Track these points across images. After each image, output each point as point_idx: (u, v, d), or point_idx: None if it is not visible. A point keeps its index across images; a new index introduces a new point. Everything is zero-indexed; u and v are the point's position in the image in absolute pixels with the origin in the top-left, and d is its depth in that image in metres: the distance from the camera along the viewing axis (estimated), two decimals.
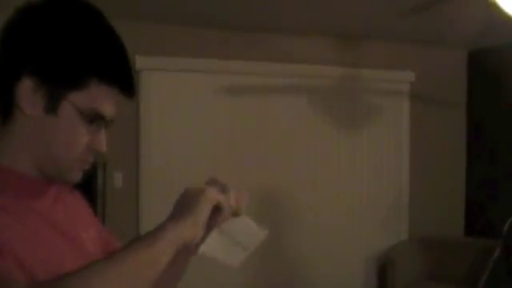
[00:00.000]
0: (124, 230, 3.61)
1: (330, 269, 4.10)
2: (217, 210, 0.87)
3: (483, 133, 4.41)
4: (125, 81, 0.86)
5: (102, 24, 0.86)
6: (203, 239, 0.88)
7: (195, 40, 3.76)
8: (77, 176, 0.88)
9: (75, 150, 0.84)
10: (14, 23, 0.83)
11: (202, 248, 0.89)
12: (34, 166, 0.84)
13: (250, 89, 3.92)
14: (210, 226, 0.87)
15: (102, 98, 0.84)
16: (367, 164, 4.25)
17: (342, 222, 4.18)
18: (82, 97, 0.82)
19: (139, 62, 3.53)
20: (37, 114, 0.81)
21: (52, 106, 0.81)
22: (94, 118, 0.84)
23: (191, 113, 3.78)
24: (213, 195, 0.85)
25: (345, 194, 4.19)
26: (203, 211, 0.82)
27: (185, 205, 0.83)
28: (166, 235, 0.79)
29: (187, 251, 0.89)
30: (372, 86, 4.24)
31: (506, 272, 2.59)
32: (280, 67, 3.96)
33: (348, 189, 4.20)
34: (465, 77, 4.56)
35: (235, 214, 0.93)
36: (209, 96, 3.82)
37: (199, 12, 3.38)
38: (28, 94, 0.80)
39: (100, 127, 0.86)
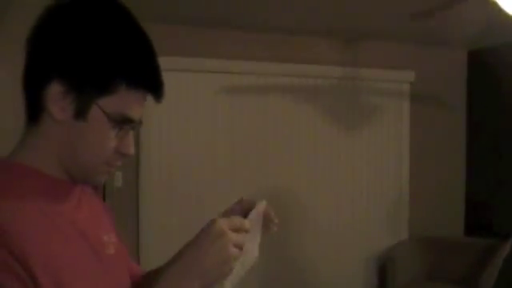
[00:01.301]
0: (124, 229, 3.61)
1: (330, 268, 4.11)
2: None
3: (483, 132, 4.41)
4: (155, 85, 0.86)
5: (132, 26, 0.85)
6: None
7: (195, 40, 3.76)
8: (103, 179, 0.89)
9: (103, 155, 0.84)
10: (43, 24, 0.81)
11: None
12: (60, 167, 0.84)
13: (250, 89, 3.92)
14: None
15: (131, 102, 0.83)
16: (367, 164, 4.25)
17: (342, 221, 4.18)
18: (112, 102, 0.81)
19: None
20: (66, 119, 0.80)
21: (81, 112, 0.80)
22: (123, 123, 0.83)
23: (191, 112, 3.78)
24: (231, 270, 0.85)
25: (345, 194, 4.19)
26: (219, 281, 0.85)
27: (207, 263, 0.83)
28: None
29: None
30: (372, 85, 4.24)
31: None
32: (280, 67, 3.96)
33: (348, 188, 4.20)
34: (465, 77, 4.56)
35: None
36: (209, 96, 3.82)
37: (199, 12, 3.38)
38: (57, 98, 0.79)
39: (128, 131, 0.86)
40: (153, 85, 0.86)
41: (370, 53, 4.20)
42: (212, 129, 3.83)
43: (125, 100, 0.82)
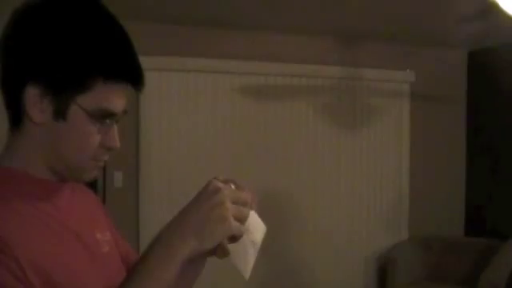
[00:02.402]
0: (124, 229, 3.60)
1: (331, 269, 4.11)
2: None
3: (483, 133, 4.41)
4: (132, 75, 0.84)
5: (102, 19, 0.83)
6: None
7: (195, 40, 3.76)
8: (91, 175, 0.88)
9: (88, 152, 0.83)
10: (12, 28, 0.80)
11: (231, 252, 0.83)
12: (47, 168, 0.84)
13: (250, 89, 3.92)
14: None
15: (110, 95, 0.81)
16: (367, 164, 4.25)
17: (343, 222, 4.18)
18: (90, 98, 0.79)
19: None
20: (46, 121, 0.80)
21: (60, 112, 0.79)
22: (104, 117, 0.82)
23: (191, 112, 3.78)
24: (235, 228, 0.79)
25: (345, 194, 4.19)
26: (218, 241, 0.78)
27: (200, 221, 0.78)
28: (174, 256, 0.78)
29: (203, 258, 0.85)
30: (372, 85, 4.24)
31: None
32: (280, 67, 3.96)
33: (348, 189, 4.20)
34: (465, 77, 4.56)
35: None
36: (209, 96, 3.82)
37: (199, 11, 3.38)
38: (35, 101, 0.78)
39: (111, 124, 0.85)
40: (131, 76, 0.83)
41: (370, 53, 4.20)
42: (211, 129, 3.83)
43: (103, 94, 0.80)
